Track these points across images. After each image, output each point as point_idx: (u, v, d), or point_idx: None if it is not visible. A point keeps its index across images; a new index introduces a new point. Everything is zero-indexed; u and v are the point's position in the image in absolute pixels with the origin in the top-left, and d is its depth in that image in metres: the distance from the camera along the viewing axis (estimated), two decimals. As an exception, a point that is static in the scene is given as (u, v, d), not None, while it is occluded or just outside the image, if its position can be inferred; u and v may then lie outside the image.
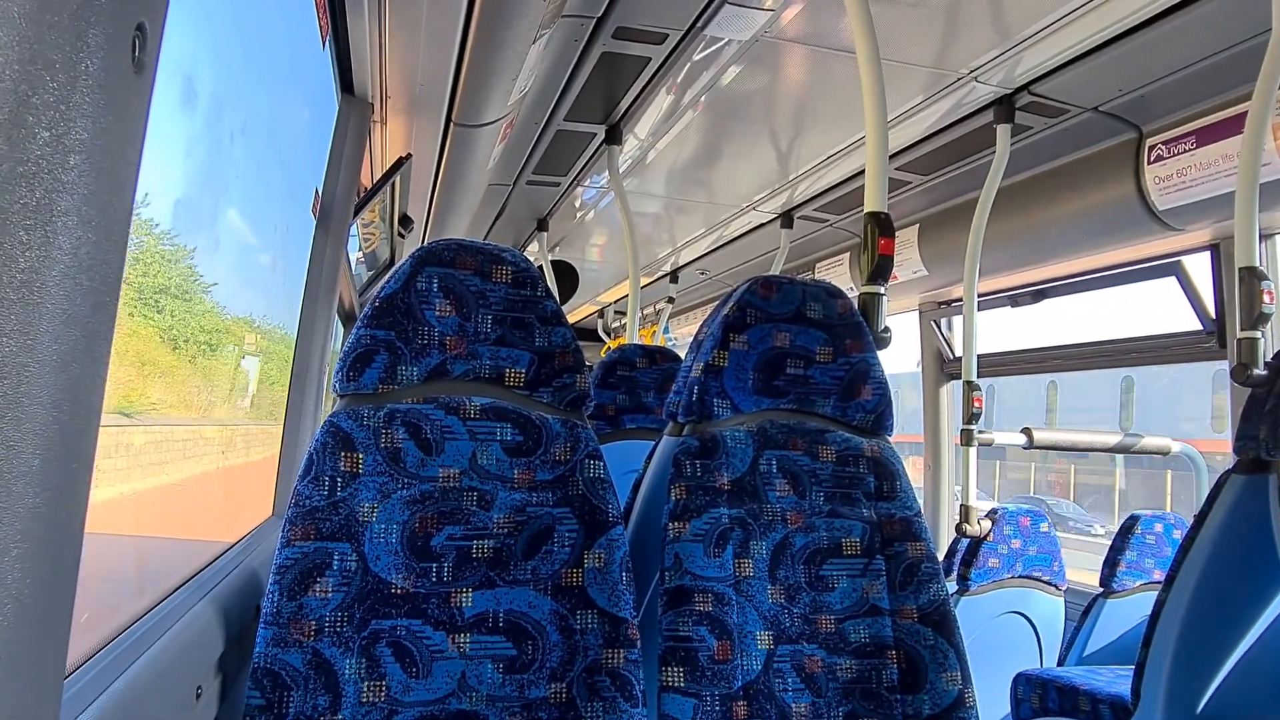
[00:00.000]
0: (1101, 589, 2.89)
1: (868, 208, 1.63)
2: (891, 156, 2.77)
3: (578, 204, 3.85)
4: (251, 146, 1.59)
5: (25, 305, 0.42)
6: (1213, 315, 2.59)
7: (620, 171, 3.08)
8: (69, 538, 0.49)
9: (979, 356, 2.82)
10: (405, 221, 3.23)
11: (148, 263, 1.18)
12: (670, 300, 5.45)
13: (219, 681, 1.19)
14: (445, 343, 1.30)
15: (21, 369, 0.42)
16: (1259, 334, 1.76)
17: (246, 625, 1.29)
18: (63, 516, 0.47)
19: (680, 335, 6.18)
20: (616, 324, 6.48)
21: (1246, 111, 1.79)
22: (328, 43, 1.89)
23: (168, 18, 0.54)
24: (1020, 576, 3.00)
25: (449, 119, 2.37)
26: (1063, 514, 18.50)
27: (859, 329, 1.52)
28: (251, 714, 1.10)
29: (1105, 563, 2.90)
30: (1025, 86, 2.32)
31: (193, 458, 1.62)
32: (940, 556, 3.15)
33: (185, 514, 1.59)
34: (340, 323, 2.93)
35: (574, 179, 3.44)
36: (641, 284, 3.43)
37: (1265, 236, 2.31)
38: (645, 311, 6.10)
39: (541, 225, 4.11)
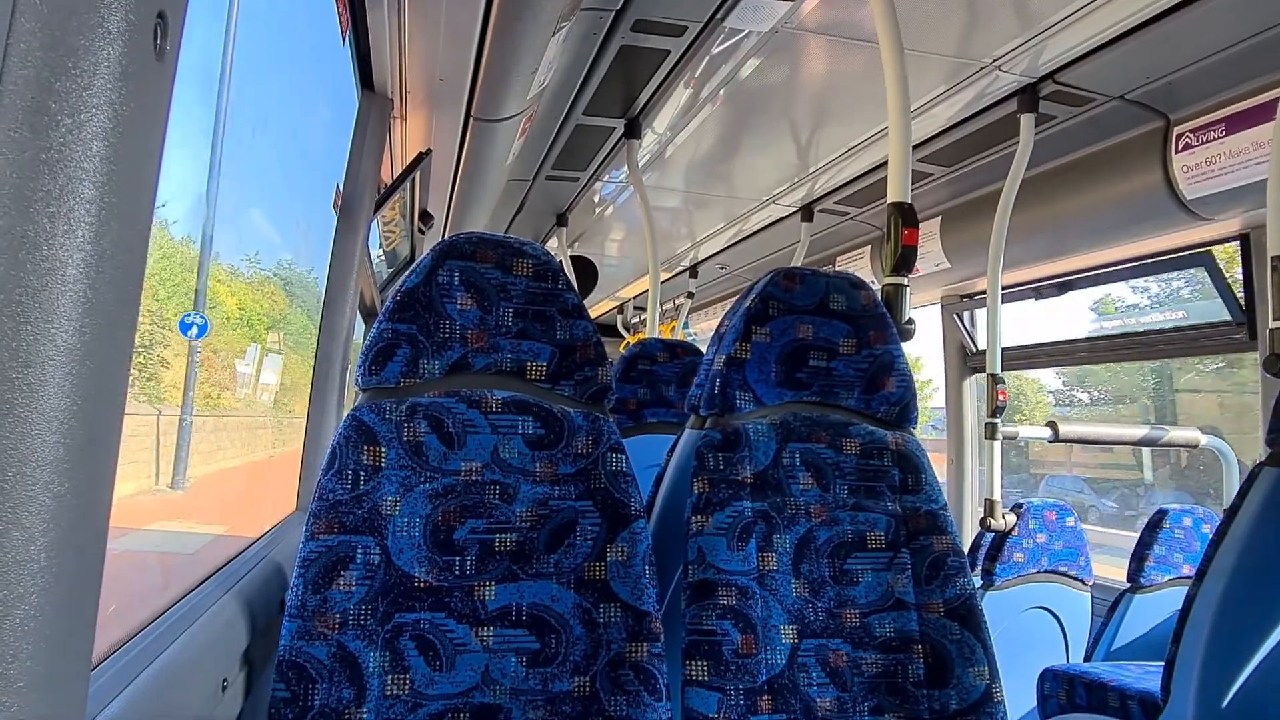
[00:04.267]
0: (1129, 584, 2.85)
1: (891, 198, 1.61)
2: (913, 148, 2.74)
3: (597, 199, 3.85)
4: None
5: (48, 293, 0.42)
6: (1243, 306, 2.55)
7: (639, 166, 3.07)
8: (95, 526, 0.49)
9: (1002, 349, 2.79)
10: (425, 217, 3.24)
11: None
12: (690, 295, 5.43)
13: (244, 674, 1.19)
14: (466, 336, 1.30)
15: (45, 358, 0.42)
16: None
17: (271, 618, 1.30)
18: (88, 505, 0.47)
19: (700, 330, 6.16)
20: (636, 319, 6.48)
21: (1278, 98, 1.76)
22: (348, 39, 1.90)
23: (188, 7, 0.54)
24: (1046, 571, 2.96)
25: (468, 114, 2.37)
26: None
27: (883, 320, 1.50)
28: (277, 706, 1.10)
29: (1133, 557, 2.86)
30: (1050, 75, 2.28)
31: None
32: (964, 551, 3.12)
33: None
34: (361, 318, 2.95)
35: (593, 174, 3.43)
36: (661, 279, 3.42)
37: (1297, 225, 2.26)
38: (665, 307, 6.09)
39: (561, 220, 4.11)
